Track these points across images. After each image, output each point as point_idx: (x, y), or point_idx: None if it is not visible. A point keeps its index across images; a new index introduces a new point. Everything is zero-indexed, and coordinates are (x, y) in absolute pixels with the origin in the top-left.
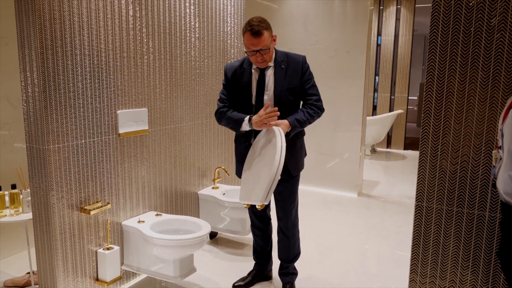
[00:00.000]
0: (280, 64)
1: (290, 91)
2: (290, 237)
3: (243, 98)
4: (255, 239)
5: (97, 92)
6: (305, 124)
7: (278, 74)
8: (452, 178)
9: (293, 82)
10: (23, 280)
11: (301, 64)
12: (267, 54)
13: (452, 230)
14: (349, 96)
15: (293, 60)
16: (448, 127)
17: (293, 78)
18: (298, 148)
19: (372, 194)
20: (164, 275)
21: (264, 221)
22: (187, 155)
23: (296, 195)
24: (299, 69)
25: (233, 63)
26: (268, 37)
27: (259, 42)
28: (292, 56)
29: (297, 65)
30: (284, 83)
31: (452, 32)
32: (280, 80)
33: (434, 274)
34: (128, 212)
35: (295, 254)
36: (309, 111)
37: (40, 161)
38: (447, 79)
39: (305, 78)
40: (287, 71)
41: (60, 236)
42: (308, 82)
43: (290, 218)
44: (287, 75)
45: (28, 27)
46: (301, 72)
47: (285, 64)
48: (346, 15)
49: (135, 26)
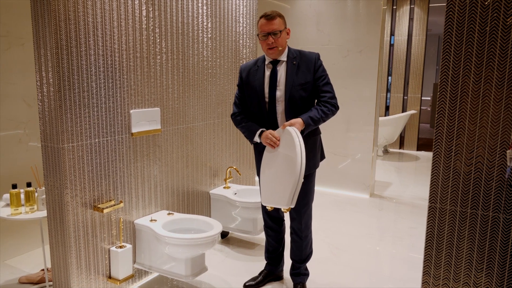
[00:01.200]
0: (292, 60)
1: (302, 86)
2: (303, 238)
3: (257, 94)
4: (268, 239)
5: (110, 91)
6: (319, 122)
7: (290, 70)
8: (466, 179)
9: (305, 78)
10: (38, 277)
11: (313, 61)
12: (278, 38)
13: (466, 232)
14: (362, 97)
15: (306, 56)
16: (462, 128)
17: (305, 73)
18: (310, 146)
19: (385, 195)
20: (175, 273)
21: (277, 221)
22: (199, 154)
23: (309, 196)
24: (311, 65)
25: (247, 63)
26: (280, 23)
27: (271, 25)
28: (305, 53)
29: (309, 62)
30: (296, 78)
31: (467, 31)
32: (292, 75)
33: (447, 277)
34: (141, 210)
35: (307, 255)
36: (323, 108)
37: (55, 159)
38: (462, 79)
39: (318, 75)
40: (299, 66)
41: (74, 234)
42: (321, 79)
43: (303, 219)
44: (299, 71)
45: (43, 27)
46: (314, 69)
47: (297, 60)
48: (358, 15)
49: (148, 27)
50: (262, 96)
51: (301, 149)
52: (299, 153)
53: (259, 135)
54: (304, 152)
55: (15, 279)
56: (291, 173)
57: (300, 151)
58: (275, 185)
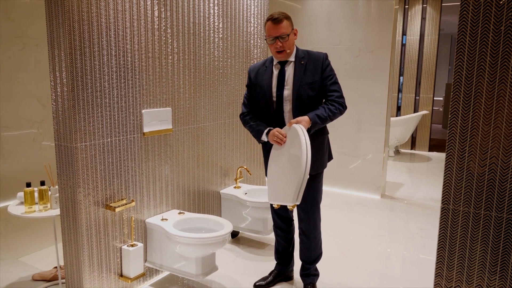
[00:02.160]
0: (300, 60)
1: (309, 85)
2: (312, 238)
3: (265, 93)
4: (277, 239)
5: (122, 91)
6: (326, 121)
7: (298, 69)
8: (480, 180)
9: (312, 77)
10: (51, 274)
11: (321, 60)
12: (286, 42)
13: (480, 233)
14: (373, 97)
15: (313, 56)
16: (476, 129)
17: (312, 73)
18: (317, 146)
19: (396, 196)
20: (186, 272)
21: (286, 221)
22: (209, 154)
23: (318, 196)
24: (319, 65)
25: (256, 64)
26: (287, 25)
27: (279, 29)
28: (313, 53)
29: (317, 61)
30: (304, 77)
31: (481, 31)
32: (299, 75)
33: (460, 279)
34: (152, 209)
35: (316, 255)
36: (331, 107)
37: (68, 158)
38: (476, 80)
39: (326, 74)
40: (307, 66)
41: (86, 232)
42: (329, 78)
43: (312, 220)
44: (306, 70)
45: (58, 28)
46: (321, 68)
47: (305, 60)
48: (370, 15)
49: (160, 27)
50: (269, 95)
51: (306, 147)
52: (305, 150)
53: (267, 133)
54: (309, 150)
55: (28, 276)
56: (296, 170)
57: (306, 149)
58: (281, 182)
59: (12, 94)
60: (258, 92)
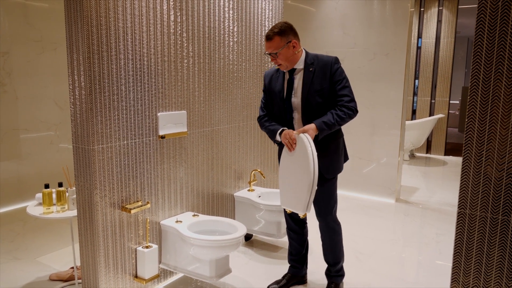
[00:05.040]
0: (309, 67)
1: (317, 93)
2: (330, 240)
3: (277, 101)
4: (291, 242)
5: (139, 95)
6: (334, 127)
7: (306, 77)
8: (497, 185)
9: (321, 84)
10: (67, 274)
11: (329, 65)
12: (279, 57)
13: (497, 239)
14: (388, 100)
15: (322, 61)
16: (493, 132)
17: (321, 79)
18: (332, 150)
19: (411, 200)
20: (200, 274)
21: (299, 224)
22: (224, 157)
23: (332, 198)
24: (327, 70)
25: (270, 69)
26: (278, 42)
27: (270, 46)
28: (322, 58)
29: (325, 67)
30: (312, 85)
31: (499, 34)
32: (308, 83)
33: (477, 285)
34: (167, 212)
35: (336, 257)
36: (339, 112)
37: (85, 160)
38: (493, 83)
39: (335, 79)
40: (316, 73)
41: (102, 233)
42: (338, 83)
43: (327, 222)
44: (315, 77)
45: (76, 33)
46: (330, 73)
47: (314, 66)
48: (385, 17)
49: (176, 31)
50: (281, 103)
51: (313, 158)
52: (311, 162)
53: (280, 133)
54: (316, 161)
55: (45, 276)
56: (305, 181)
57: (313, 160)
58: (291, 189)
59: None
60: (272, 98)
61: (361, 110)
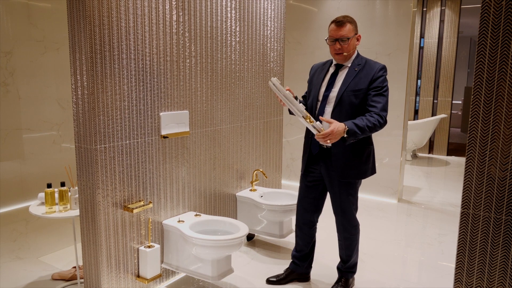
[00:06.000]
0: (355, 67)
1: (354, 92)
2: (343, 238)
3: (315, 91)
4: (296, 240)
5: (141, 94)
6: (364, 132)
7: (349, 74)
8: (501, 185)
9: (360, 84)
10: (70, 273)
11: (375, 70)
12: (346, 45)
13: (501, 239)
14: (390, 100)
15: (369, 65)
16: (497, 132)
17: (362, 80)
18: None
19: (413, 201)
20: (202, 274)
21: (308, 224)
22: (226, 157)
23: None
24: (371, 74)
25: (319, 63)
26: (350, 29)
27: (340, 31)
28: (370, 62)
29: (371, 70)
30: (351, 83)
31: (503, 33)
32: (348, 80)
33: (480, 285)
34: (169, 211)
35: (348, 257)
36: (370, 118)
37: (88, 160)
38: (497, 83)
39: (374, 85)
40: (359, 73)
41: (104, 233)
42: (376, 89)
43: (341, 221)
44: (356, 77)
45: (79, 33)
46: (372, 78)
47: (360, 67)
48: (387, 17)
49: (178, 31)
50: (316, 94)
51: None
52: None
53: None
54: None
55: (48, 276)
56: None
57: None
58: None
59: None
60: (311, 89)
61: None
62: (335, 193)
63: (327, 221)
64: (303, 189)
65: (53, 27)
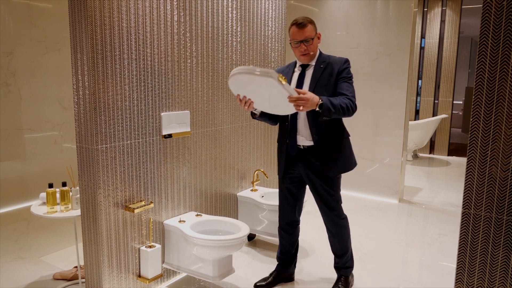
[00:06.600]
0: (320, 64)
1: (324, 87)
2: (335, 234)
3: None
4: (281, 241)
5: (142, 95)
6: (337, 109)
7: (316, 72)
8: (502, 185)
9: (328, 79)
10: (71, 273)
11: (340, 63)
12: (310, 45)
13: (502, 239)
14: (391, 100)
15: (334, 60)
16: (498, 132)
17: (330, 75)
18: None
19: (414, 201)
20: (203, 274)
21: (291, 224)
22: (227, 157)
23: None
24: (337, 67)
25: (281, 67)
26: (311, 30)
27: (303, 33)
28: (334, 57)
29: (336, 64)
30: (320, 79)
31: (504, 33)
32: (316, 77)
33: (481, 285)
34: (170, 211)
35: (342, 251)
36: (343, 99)
37: (89, 160)
38: (498, 83)
39: (342, 75)
40: (326, 69)
41: (106, 232)
42: (344, 79)
43: (331, 220)
44: (324, 73)
45: (80, 33)
46: (339, 70)
47: (325, 64)
48: (388, 18)
49: (179, 31)
50: None
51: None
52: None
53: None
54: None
55: (49, 275)
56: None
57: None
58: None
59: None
60: None
61: (364, 110)
62: (318, 191)
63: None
64: (283, 191)
65: (54, 27)
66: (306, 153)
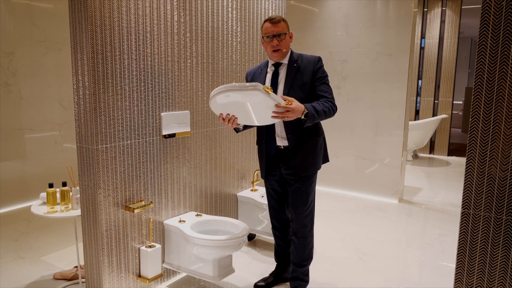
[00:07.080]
0: (293, 63)
1: (300, 88)
2: (302, 240)
3: None
4: (276, 240)
5: (142, 95)
6: (321, 115)
7: (290, 71)
8: (501, 185)
9: (303, 79)
10: (71, 273)
11: (313, 63)
12: (283, 41)
13: (501, 239)
14: (391, 100)
15: (306, 59)
16: (498, 132)
17: (304, 75)
18: (308, 148)
19: (414, 201)
20: (203, 274)
21: (283, 223)
22: (227, 157)
23: (309, 197)
24: (311, 67)
25: (252, 68)
26: (284, 26)
27: (277, 27)
28: (307, 56)
29: (309, 64)
30: (295, 80)
31: (503, 33)
32: (291, 76)
33: (480, 285)
34: (170, 211)
35: (305, 258)
36: (325, 103)
37: (89, 160)
38: (497, 83)
39: (317, 76)
40: (299, 68)
41: (106, 232)
42: (321, 79)
43: (301, 221)
44: (298, 72)
45: (80, 33)
46: (313, 70)
47: (298, 63)
48: (388, 18)
49: (179, 31)
50: None
51: None
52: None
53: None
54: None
55: (50, 275)
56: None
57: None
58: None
59: (35, 97)
60: None
61: (364, 110)
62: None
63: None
64: (269, 192)
65: (55, 27)
66: (284, 153)
